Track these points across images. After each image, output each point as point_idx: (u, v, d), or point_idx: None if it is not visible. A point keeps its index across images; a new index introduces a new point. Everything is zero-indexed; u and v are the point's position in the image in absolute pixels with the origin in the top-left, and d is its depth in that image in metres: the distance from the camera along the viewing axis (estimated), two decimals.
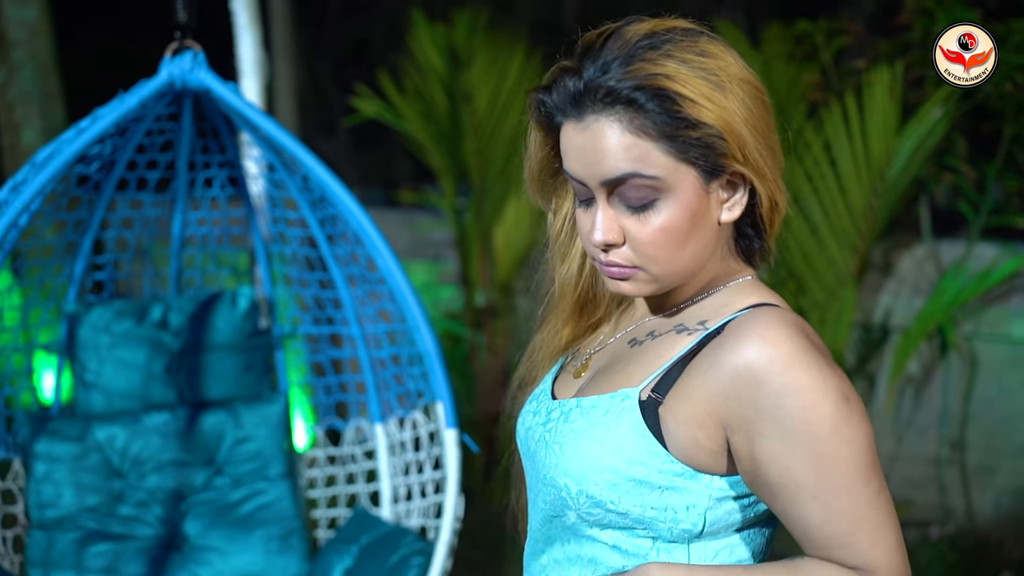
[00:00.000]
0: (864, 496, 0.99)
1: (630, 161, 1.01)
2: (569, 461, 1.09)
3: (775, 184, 1.07)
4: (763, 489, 1.02)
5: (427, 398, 2.36)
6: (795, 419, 0.97)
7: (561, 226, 1.22)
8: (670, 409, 1.05)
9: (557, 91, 1.05)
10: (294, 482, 2.48)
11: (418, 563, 2.06)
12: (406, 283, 2.28)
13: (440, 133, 4.29)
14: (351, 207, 2.30)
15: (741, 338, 1.01)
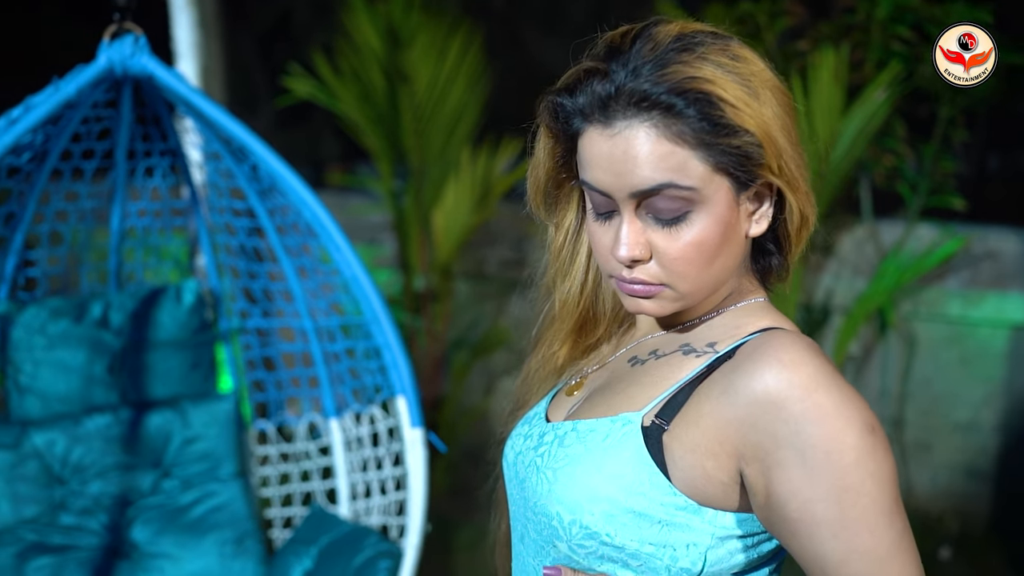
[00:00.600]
0: (888, 538, 0.91)
1: (666, 171, 0.95)
2: (563, 488, 1.02)
3: (807, 197, 1.02)
4: (778, 525, 0.95)
5: (386, 393, 2.29)
6: (817, 447, 0.90)
7: (563, 241, 1.16)
8: (676, 437, 0.98)
9: (582, 94, 0.98)
10: (246, 482, 2.39)
11: (386, 567, 2.00)
12: (364, 275, 2.21)
13: (377, 114, 4.20)
14: (304, 196, 2.22)
15: (758, 362, 0.94)
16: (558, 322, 1.19)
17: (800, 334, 0.98)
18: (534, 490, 1.06)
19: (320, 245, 2.34)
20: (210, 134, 2.34)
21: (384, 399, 2.31)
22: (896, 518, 0.91)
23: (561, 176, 1.09)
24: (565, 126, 1.01)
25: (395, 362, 2.21)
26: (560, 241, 1.16)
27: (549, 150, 1.07)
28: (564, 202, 1.13)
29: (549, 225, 1.17)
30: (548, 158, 1.08)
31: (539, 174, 1.10)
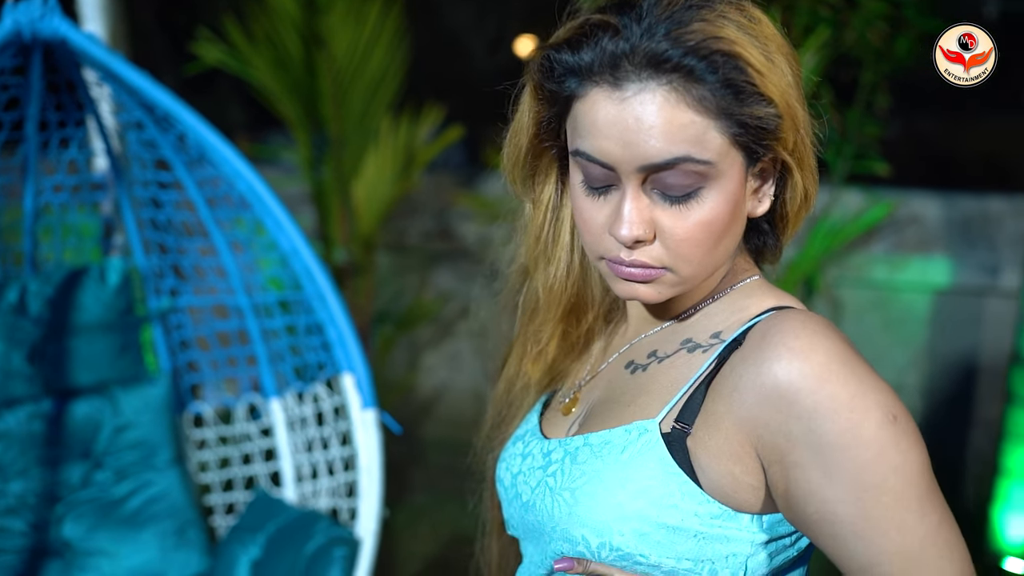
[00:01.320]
0: (919, 533, 0.83)
1: (682, 142, 0.85)
2: (586, 510, 0.92)
3: (813, 175, 0.94)
4: (802, 525, 0.88)
5: (330, 370, 2.20)
6: (832, 444, 0.82)
7: (544, 219, 1.04)
8: (700, 442, 0.90)
9: (588, 51, 0.87)
10: (184, 468, 2.27)
11: (342, 555, 1.91)
12: (305, 247, 2.11)
13: (293, 82, 4.04)
14: (238, 167, 2.10)
15: (765, 351, 0.86)
16: (544, 312, 1.09)
17: (809, 312, 0.90)
18: (550, 514, 0.97)
19: (255, 217, 2.23)
20: (131, 102, 2.19)
21: (328, 377, 2.21)
22: (930, 509, 0.84)
23: (543, 145, 0.99)
24: (559, 86, 0.91)
25: (340, 338, 2.12)
26: (541, 220, 1.04)
27: (535, 114, 0.96)
28: (543, 175, 1.03)
29: (526, 202, 1.06)
30: (533, 123, 0.97)
31: (521, 142, 0.99)
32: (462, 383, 4.74)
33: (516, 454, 1.08)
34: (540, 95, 0.94)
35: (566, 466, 0.97)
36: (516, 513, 1.05)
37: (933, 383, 4.22)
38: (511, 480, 1.06)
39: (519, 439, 1.10)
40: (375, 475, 2.01)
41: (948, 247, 4.10)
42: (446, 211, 4.61)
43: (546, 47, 0.92)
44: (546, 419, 1.11)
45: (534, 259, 1.07)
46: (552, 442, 1.02)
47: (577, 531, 0.93)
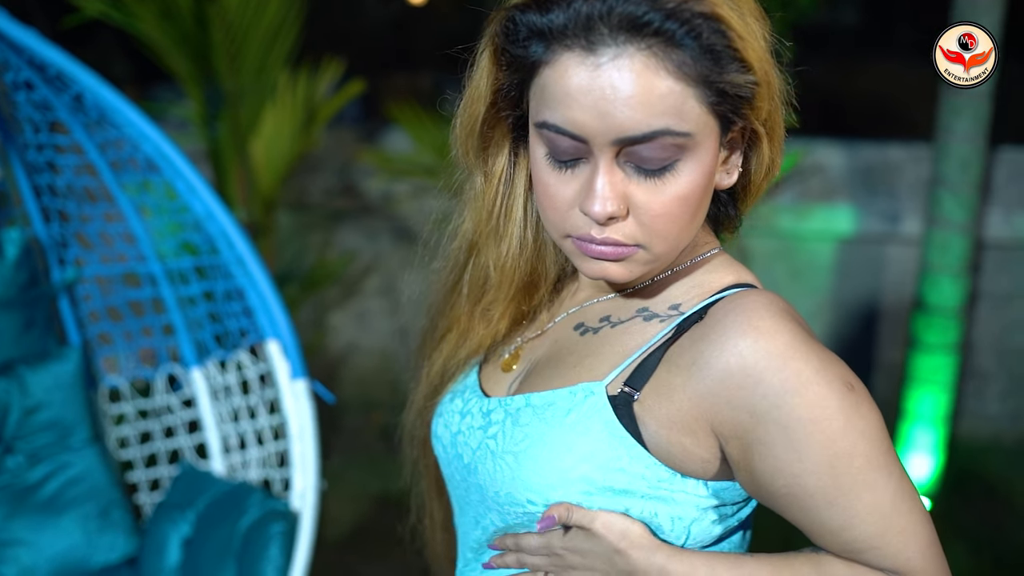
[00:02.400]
0: (888, 490, 0.84)
1: (662, 114, 0.80)
2: (530, 473, 0.90)
3: (779, 145, 0.91)
4: (768, 499, 0.87)
5: (253, 337, 2.11)
6: (802, 419, 0.82)
7: (496, 193, 0.98)
8: (648, 408, 0.88)
9: (558, 11, 0.80)
10: (103, 446, 2.15)
11: (280, 531, 1.83)
12: (221, 211, 2.01)
13: (182, 35, 3.85)
14: (143, 128, 1.98)
15: (729, 329, 0.84)
16: (495, 290, 1.03)
17: (770, 293, 0.89)
18: (492, 477, 0.94)
19: (164, 181, 2.11)
20: (18, 60, 2.03)
21: (252, 344, 2.12)
22: (893, 467, 0.85)
23: (500, 114, 0.93)
24: (524, 51, 0.84)
25: (263, 303, 2.03)
26: (493, 194, 0.99)
27: (494, 81, 0.90)
28: (496, 146, 0.97)
29: (476, 175, 1.00)
30: (491, 91, 0.90)
31: (477, 111, 0.93)
32: (370, 342, 4.67)
33: (454, 411, 1.05)
34: (501, 61, 0.88)
35: (507, 428, 0.94)
36: (456, 474, 1.03)
37: (837, 329, 4.33)
38: (450, 439, 1.03)
39: (457, 395, 1.07)
40: (310, 448, 1.94)
41: (851, 196, 4.19)
42: (348, 167, 4.49)
43: (510, 7, 0.85)
44: (485, 374, 1.07)
45: (485, 235, 1.02)
46: (492, 400, 0.99)
47: (521, 495, 0.91)
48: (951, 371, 3.84)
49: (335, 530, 3.57)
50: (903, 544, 0.85)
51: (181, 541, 1.98)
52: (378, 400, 4.63)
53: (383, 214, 4.53)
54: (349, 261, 4.52)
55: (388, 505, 3.78)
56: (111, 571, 2.01)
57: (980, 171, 3.75)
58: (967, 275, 3.84)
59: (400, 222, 4.54)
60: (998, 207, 4.19)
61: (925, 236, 3.87)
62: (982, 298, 4.32)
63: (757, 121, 0.86)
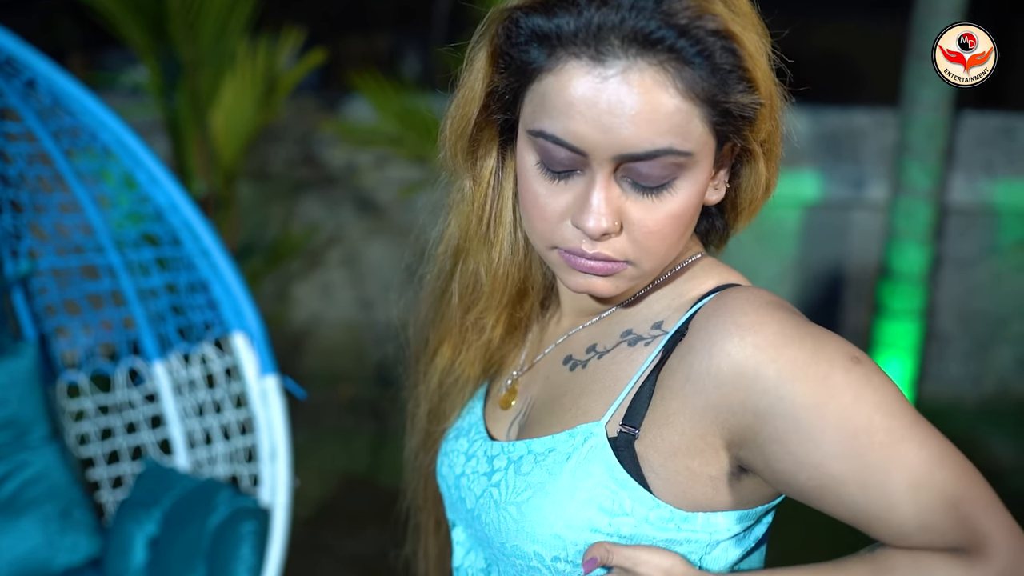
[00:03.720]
0: (922, 461, 0.77)
1: (667, 132, 0.77)
2: (534, 526, 0.86)
3: (776, 165, 0.88)
4: (800, 496, 0.82)
5: (218, 330, 2.06)
6: (807, 404, 0.77)
7: (486, 198, 0.94)
8: (650, 443, 0.84)
9: (566, 17, 0.76)
10: (63, 444, 2.10)
11: (251, 530, 1.80)
12: (184, 202, 1.94)
13: (137, 3, 3.73)
14: (100, 115, 1.91)
15: (712, 335, 0.80)
16: (488, 298, 0.99)
17: (752, 287, 0.86)
18: (496, 528, 0.90)
19: (123, 170, 2.04)
20: None
21: (217, 336, 2.07)
22: (925, 436, 0.78)
23: (491, 117, 0.88)
24: (524, 54, 0.80)
25: (229, 295, 1.98)
26: (482, 198, 0.94)
27: (489, 83, 0.85)
28: (484, 148, 0.92)
29: (464, 179, 0.95)
30: (485, 94, 0.86)
31: (470, 112, 0.88)
32: (334, 314, 4.62)
33: (459, 452, 1.01)
34: (499, 63, 0.84)
35: (510, 476, 0.91)
36: (460, 517, 1.00)
37: (803, 294, 4.35)
38: (454, 480, 1.00)
39: (462, 434, 1.03)
40: (282, 444, 1.90)
41: (816, 162, 4.18)
42: (309, 137, 4.41)
43: (513, 8, 0.81)
44: (488, 411, 1.04)
45: (475, 241, 0.97)
46: (495, 445, 0.96)
47: (528, 547, 0.88)
48: (916, 336, 3.87)
49: (305, 506, 3.55)
50: (960, 515, 0.77)
51: (147, 540, 1.94)
52: (344, 372, 4.59)
53: (346, 184, 4.46)
54: (313, 234, 4.45)
55: (357, 480, 3.76)
56: (74, 573, 1.97)
57: (945, 139, 3.75)
58: (932, 241, 3.86)
59: (363, 192, 4.47)
60: (962, 172, 4.20)
61: (891, 203, 3.87)
62: (945, 262, 4.35)
63: (755, 141, 0.84)
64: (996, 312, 4.46)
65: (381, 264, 4.51)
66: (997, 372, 4.53)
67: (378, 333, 4.57)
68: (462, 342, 1.04)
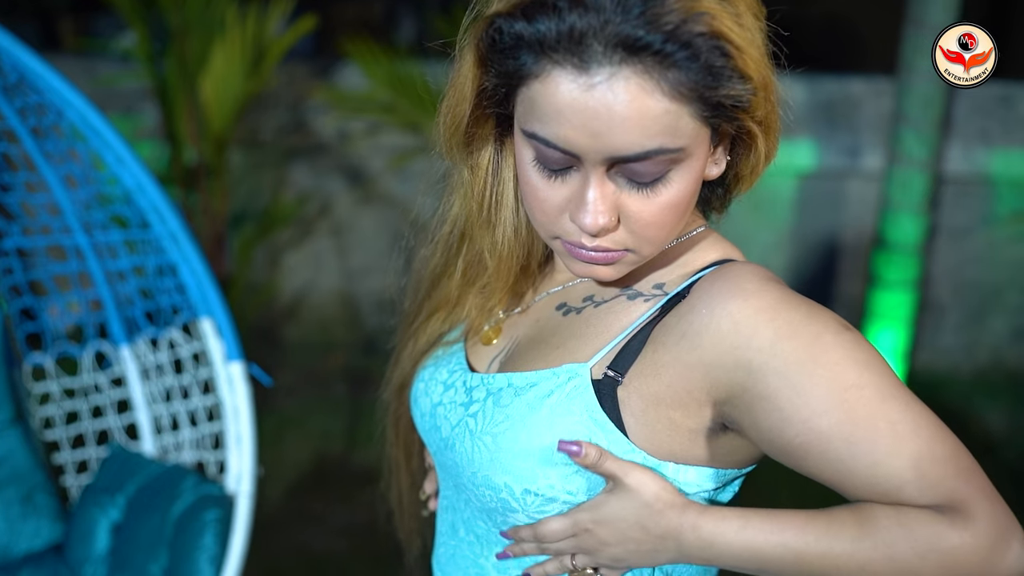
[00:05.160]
0: (908, 417, 0.79)
1: (657, 134, 0.77)
2: (508, 456, 0.89)
3: (776, 138, 0.88)
4: (782, 455, 0.83)
5: (186, 314, 2.03)
6: (801, 360, 0.80)
7: (485, 184, 0.96)
8: (634, 390, 0.87)
9: (547, 23, 0.75)
10: (27, 426, 2.08)
11: (214, 518, 1.78)
12: (151, 185, 1.91)
13: None
14: (64, 92, 1.87)
15: (715, 296, 0.83)
16: (495, 277, 1.01)
17: (754, 264, 0.88)
18: (469, 457, 0.92)
19: (90, 150, 2.00)
20: None
21: (185, 321, 2.05)
22: (908, 398, 0.80)
23: (486, 112, 0.89)
24: (509, 61, 0.80)
25: (196, 280, 1.95)
26: (481, 185, 0.96)
27: (476, 84, 0.85)
28: (480, 139, 0.93)
29: (463, 168, 0.97)
30: (475, 94, 0.86)
31: (461, 111, 0.88)
32: (325, 283, 4.60)
33: (437, 380, 1.04)
34: (486, 67, 0.83)
35: (488, 407, 0.93)
36: (433, 444, 1.02)
37: (798, 263, 4.31)
38: (430, 408, 1.02)
39: (442, 364, 1.05)
40: (247, 433, 1.88)
41: (812, 130, 4.12)
42: (301, 104, 4.36)
43: (494, 14, 0.80)
44: (469, 346, 1.07)
45: (477, 225, 0.99)
46: (475, 377, 0.98)
47: (498, 478, 0.90)
48: (910, 307, 3.83)
49: (295, 474, 3.56)
50: (941, 474, 0.78)
51: (110, 526, 1.93)
52: (336, 340, 4.58)
53: (337, 152, 4.42)
54: (304, 203, 4.42)
55: (348, 449, 3.77)
56: (35, 559, 1.95)
57: (942, 109, 3.69)
58: (927, 212, 3.81)
59: (355, 160, 4.43)
60: (958, 141, 4.14)
61: (886, 173, 3.82)
62: (940, 232, 4.30)
63: (752, 122, 0.84)
64: (991, 282, 4.41)
65: (372, 233, 4.48)
66: (991, 343, 4.50)
67: (370, 302, 4.56)
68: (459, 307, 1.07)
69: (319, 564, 3.01)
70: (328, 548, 3.09)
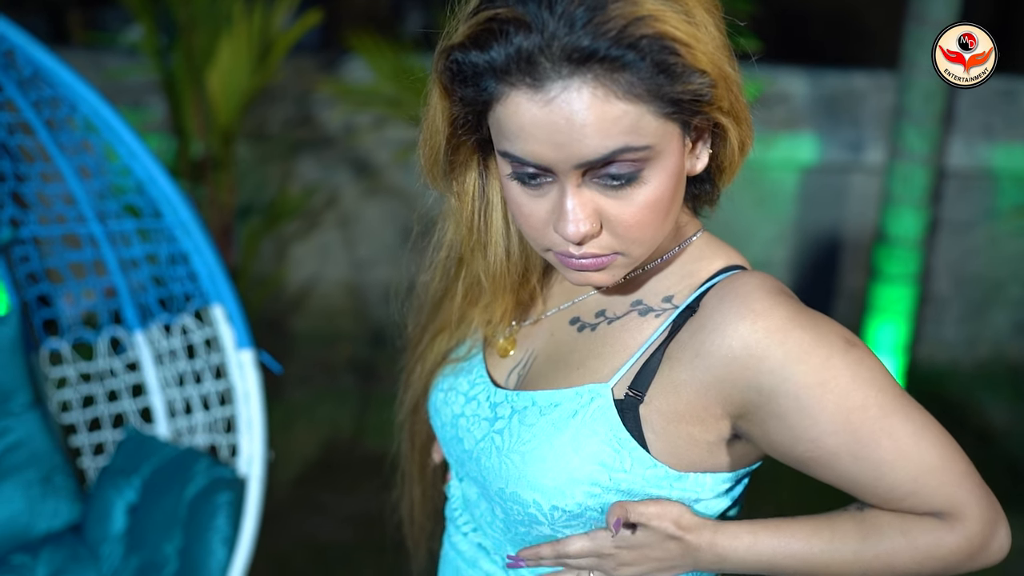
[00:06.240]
0: (908, 432, 0.85)
1: (618, 135, 0.79)
2: (536, 474, 0.92)
3: (748, 126, 0.90)
4: (793, 464, 0.90)
5: (198, 301, 2.08)
6: (810, 384, 0.84)
7: (472, 209, 0.99)
8: (655, 408, 0.91)
9: (497, 49, 0.78)
10: (45, 410, 2.13)
11: (227, 501, 1.83)
12: (162, 176, 1.96)
13: None
14: (76, 86, 1.91)
15: (727, 316, 0.87)
16: (491, 296, 1.05)
17: (759, 274, 0.91)
18: (496, 473, 0.96)
19: (103, 142, 2.05)
20: None
21: (197, 308, 2.09)
22: (910, 410, 0.87)
23: (461, 139, 0.92)
24: (475, 90, 0.83)
25: (206, 268, 2.00)
26: (469, 210, 0.99)
27: (446, 115, 0.88)
28: (462, 166, 0.96)
29: (449, 196, 1.00)
30: (446, 124, 0.89)
31: (437, 142, 0.92)
32: (332, 274, 4.64)
33: (458, 391, 1.07)
34: (451, 98, 0.87)
35: (514, 425, 0.96)
36: (455, 454, 1.06)
37: (800, 257, 4.34)
38: (451, 418, 1.06)
39: (462, 374, 1.09)
40: (257, 419, 1.93)
41: (814, 125, 4.15)
42: (307, 97, 4.39)
43: (449, 47, 0.83)
44: (486, 355, 1.10)
45: (470, 248, 1.03)
46: (499, 393, 1.01)
47: (527, 495, 0.94)
48: (911, 301, 3.87)
49: (301, 464, 3.60)
50: (940, 482, 0.86)
51: (126, 507, 1.98)
52: (342, 332, 4.62)
53: (343, 145, 4.46)
54: (311, 195, 4.46)
55: (353, 439, 3.80)
56: (55, 538, 2.00)
57: (943, 104, 3.71)
58: (929, 206, 3.84)
59: (361, 153, 4.46)
60: (960, 135, 4.17)
61: (888, 167, 3.85)
62: (942, 226, 4.33)
63: (720, 113, 0.86)
64: (992, 276, 4.44)
65: (378, 225, 4.52)
66: (993, 336, 4.53)
67: (376, 294, 4.59)
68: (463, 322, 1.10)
69: (325, 553, 3.05)
70: (334, 537, 3.13)
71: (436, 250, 1.08)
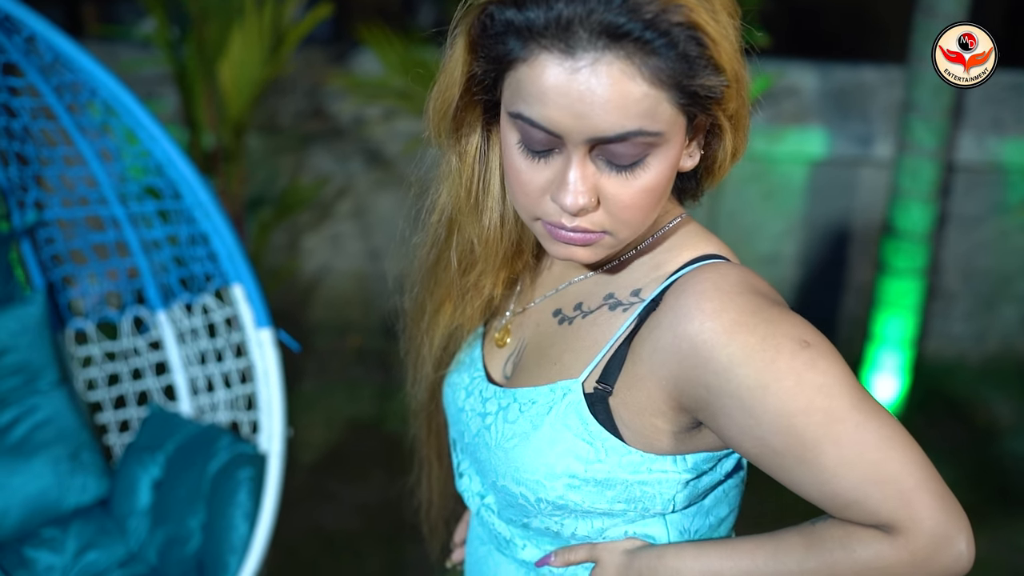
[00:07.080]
0: (856, 442, 0.84)
1: (636, 116, 0.82)
2: (518, 470, 0.97)
3: (744, 135, 0.93)
4: (749, 459, 0.92)
5: (218, 281, 2.11)
6: (752, 387, 0.85)
7: (472, 171, 1.00)
8: (622, 400, 0.94)
9: (536, 9, 0.80)
10: (71, 388, 2.17)
11: (248, 476, 1.87)
12: (178, 156, 1.99)
13: None
14: (95, 72, 1.95)
15: (678, 315, 0.88)
16: (483, 263, 1.06)
17: (723, 268, 0.92)
18: (489, 464, 1.01)
19: (123, 125, 2.08)
20: None
21: (217, 288, 2.13)
22: (864, 418, 0.84)
23: (473, 98, 0.94)
24: (499, 46, 0.85)
25: (225, 249, 2.03)
26: (469, 172, 1.01)
27: (466, 69, 0.90)
28: (468, 126, 0.98)
29: (450, 154, 1.01)
30: (465, 78, 0.91)
31: (451, 95, 0.93)
32: (344, 265, 4.67)
33: (460, 385, 1.12)
34: (476, 52, 0.89)
35: (499, 422, 1.01)
36: (461, 440, 1.11)
37: (809, 250, 4.36)
38: (456, 411, 1.11)
39: (463, 369, 1.13)
40: (276, 395, 1.96)
41: (823, 118, 4.18)
42: (318, 90, 4.43)
43: (487, 2, 0.85)
44: (485, 347, 1.14)
45: (465, 212, 1.04)
46: (489, 388, 1.06)
47: (515, 488, 0.98)
48: (919, 295, 3.89)
49: (311, 453, 3.63)
50: (884, 495, 0.84)
51: (151, 483, 2.02)
52: (353, 323, 4.65)
53: (354, 137, 4.49)
54: (322, 185, 4.49)
55: (364, 428, 3.84)
56: (84, 512, 2.05)
57: (952, 97, 3.74)
58: (936, 200, 3.86)
59: (372, 145, 4.50)
60: (970, 130, 4.19)
61: (896, 162, 3.87)
62: (951, 220, 4.35)
63: (724, 116, 0.89)
64: (1001, 270, 4.46)
65: (389, 216, 4.55)
66: (1001, 330, 4.55)
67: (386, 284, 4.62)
68: (462, 301, 1.12)
69: (332, 542, 3.09)
70: (341, 526, 3.17)
71: (428, 213, 1.09)
